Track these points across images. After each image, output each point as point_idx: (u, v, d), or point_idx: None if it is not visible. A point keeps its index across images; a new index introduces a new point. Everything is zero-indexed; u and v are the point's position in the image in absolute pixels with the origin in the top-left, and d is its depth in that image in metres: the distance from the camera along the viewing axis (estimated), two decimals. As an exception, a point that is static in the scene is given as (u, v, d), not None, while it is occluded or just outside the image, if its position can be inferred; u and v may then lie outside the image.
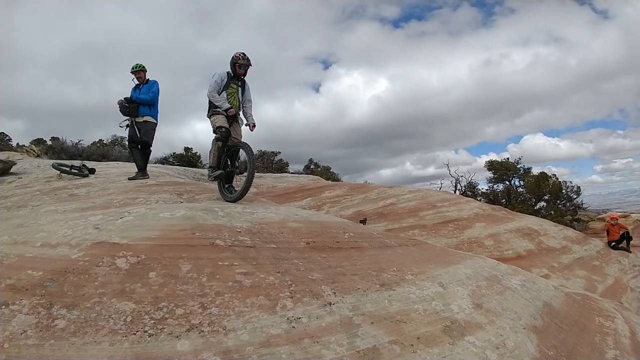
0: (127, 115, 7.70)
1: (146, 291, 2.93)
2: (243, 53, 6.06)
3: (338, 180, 27.36)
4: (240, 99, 6.24)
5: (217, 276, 3.22)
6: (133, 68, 7.82)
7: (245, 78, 6.28)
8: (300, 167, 32.31)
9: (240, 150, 6.03)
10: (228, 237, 3.81)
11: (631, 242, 14.65)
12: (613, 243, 14.33)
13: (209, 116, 6.07)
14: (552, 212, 24.07)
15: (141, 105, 7.69)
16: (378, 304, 3.39)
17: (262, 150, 29.64)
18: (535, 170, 28.30)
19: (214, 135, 5.96)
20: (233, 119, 6.10)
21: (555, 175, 27.03)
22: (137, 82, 7.87)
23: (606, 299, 7.79)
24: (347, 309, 3.20)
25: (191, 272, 3.20)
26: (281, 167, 29.15)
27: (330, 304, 3.20)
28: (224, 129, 5.86)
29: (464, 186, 28.67)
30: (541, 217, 18.80)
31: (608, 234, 14.82)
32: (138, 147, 7.83)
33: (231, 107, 5.91)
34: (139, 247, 3.41)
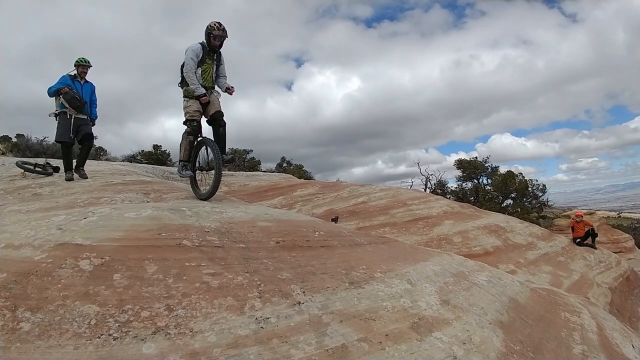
0: (74, 108, 7.28)
1: (110, 293, 2.85)
2: (219, 22, 5.62)
3: (310, 178, 27.38)
4: (214, 74, 5.94)
5: (184, 277, 3.16)
6: (82, 61, 7.48)
7: (220, 50, 5.94)
8: (273, 166, 32.19)
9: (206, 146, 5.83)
10: (195, 237, 3.75)
11: (597, 238, 15.15)
12: (578, 240, 14.78)
13: (185, 96, 5.81)
14: (519, 210, 24.75)
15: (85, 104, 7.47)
16: (347, 302, 3.41)
17: (234, 148, 29.43)
18: (503, 169, 29.18)
19: (185, 126, 5.81)
20: (209, 94, 5.80)
21: (521, 173, 27.86)
22: (75, 74, 7.52)
23: (572, 294, 8.03)
24: (317, 308, 3.19)
25: (157, 274, 3.13)
26: (253, 166, 28.91)
27: (299, 303, 3.19)
28: (195, 124, 5.69)
29: (434, 184, 29.20)
30: (508, 214, 19.30)
31: (573, 230, 15.27)
32: (71, 146, 7.50)
33: (204, 94, 5.61)
34: (102, 249, 3.32)
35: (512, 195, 27.10)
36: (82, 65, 7.52)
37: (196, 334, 2.65)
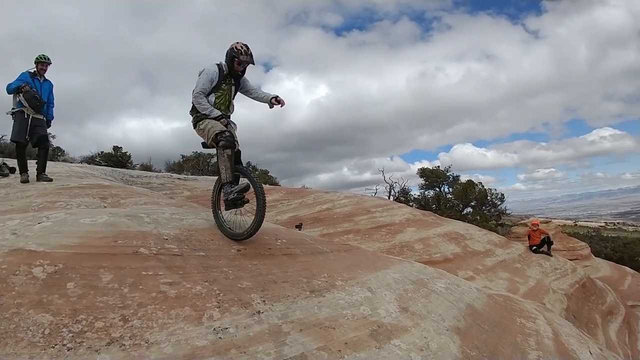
0: (32, 108, 7.05)
1: (64, 303, 2.76)
2: (246, 46, 4.72)
3: (276, 184, 27.24)
4: (232, 97, 5.02)
5: (140, 287, 3.07)
6: (42, 58, 7.28)
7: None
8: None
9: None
10: (153, 245, 3.65)
11: (552, 246, 15.72)
12: (534, 247, 15.31)
13: (196, 123, 4.76)
14: (478, 218, 25.47)
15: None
16: (308, 310, 3.41)
17: (198, 152, 28.97)
18: (464, 178, 30.00)
19: (214, 144, 4.61)
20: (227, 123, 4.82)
21: (481, 183, 28.79)
22: (35, 71, 7.28)
23: (528, 300, 8.26)
24: (277, 317, 3.18)
25: (112, 283, 3.04)
26: (217, 170, 28.52)
27: (259, 312, 3.17)
28: (227, 134, 4.54)
29: (398, 192, 29.62)
30: (468, 222, 19.79)
31: (529, 238, 15.81)
32: (26, 147, 7.27)
33: (222, 116, 4.65)
34: (56, 256, 3.20)
35: (472, 203, 27.92)
36: (42, 62, 7.29)
37: (152, 345, 2.59)
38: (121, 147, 26.15)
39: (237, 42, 4.75)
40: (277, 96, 5.00)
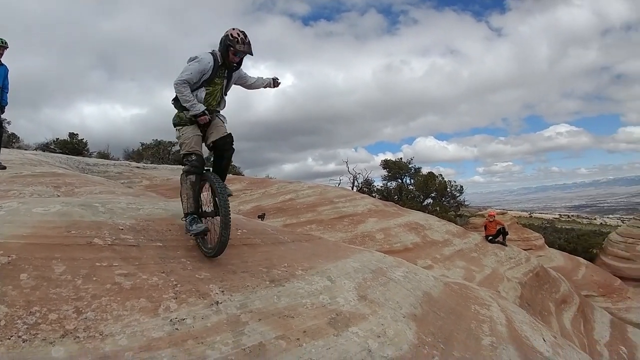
0: None
1: (18, 294, 2.69)
2: (243, 33, 4.06)
3: (239, 174, 26.96)
4: (225, 93, 4.40)
5: (94, 278, 3.01)
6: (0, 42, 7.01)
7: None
8: (201, 159, 31.25)
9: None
10: (108, 236, 3.56)
11: (507, 236, 16.34)
12: (490, 237, 15.88)
13: (176, 125, 4.19)
14: (438, 209, 26.16)
15: None
16: (267, 300, 3.42)
17: (158, 139, 28.27)
18: (425, 170, 30.63)
19: (183, 164, 4.17)
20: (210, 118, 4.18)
21: (442, 175, 29.53)
22: None
23: (483, 288, 8.54)
24: (235, 307, 3.17)
25: (65, 274, 2.96)
26: (179, 159, 27.91)
27: (217, 303, 3.15)
28: (194, 157, 4.03)
29: (361, 183, 29.94)
30: (428, 212, 20.28)
31: (486, 229, 16.40)
32: None
33: (203, 113, 4.02)
34: (9, 246, 3.10)
35: (433, 194, 28.61)
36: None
37: (106, 337, 2.55)
38: (77, 134, 25.21)
39: (233, 29, 4.08)
40: (278, 79, 4.78)
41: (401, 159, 31.21)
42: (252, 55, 4.18)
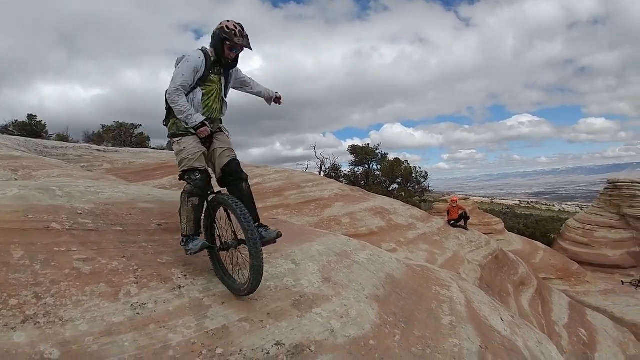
0: None
1: (-23, 279, 2.63)
2: (240, 25, 3.61)
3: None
4: (225, 94, 3.89)
5: (53, 263, 2.94)
6: None
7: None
8: (164, 143, 30.75)
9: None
10: (66, 220, 3.47)
11: (469, 221, 16.88)
12: (452, 221, 16.39)
13: (171, 137, 3.69)
14: (403, 194, 26.66)
15: None
16: (230, 283, 3.41)
17: (120, 121, 27.49)
18: (392, 156, 31.05)
19: (184, 183, 3.57)
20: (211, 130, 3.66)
21: (407, 161, 30.04)
22: None
23: (445, 270, 8.79)
24: (198, 291, 3.17)
25: (23, 260, 2.89)
26: (141, 142, 27.16)
27: (179, 287, 3.14)
28: (198, 176, 3.47)
29: (329, 168, 30.08)
30: (394, 197, 20.64)
31: (449, 213, 16.94)
32: None
33: (203, 124, 3.49)
34: (-33, 231, 3.01)
35: (398, 180, 29.08)
36: None
37: (66, 322, 2.52)
38: (36, 116, 24.41)
39: (228, 21, 3.63)
40: (278, 93, 4.30)
41: (368, 144, 31.55)
42: (250, 49, 3.70)
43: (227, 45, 3.60)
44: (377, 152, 30.82)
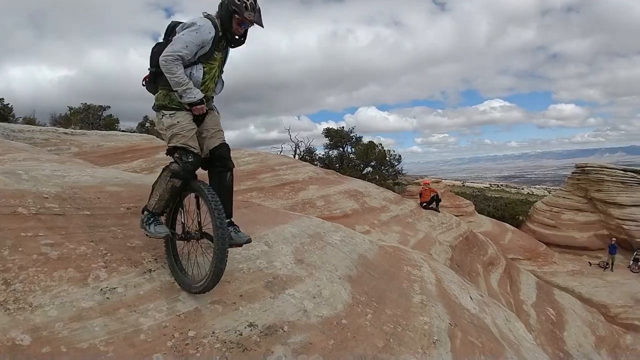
0: None
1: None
2: None
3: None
4: (221, 71, 3.53)
5: (20, 249, 2.87)
6: None
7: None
8: (134, 125, 30.10)
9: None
10: (32, 205, 3.37)
11: (440, 203, 17.24)
12: (424, 204, 16.70)
13: (161, 108, 3.26)
14: (377, 177, 26.97)
15: None
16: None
17: (88, 103, 26.75)
18: (366, 140, 31.26)
19: (170, 160, 3.23)
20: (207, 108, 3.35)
21: (381, 144, 30.27)
22: None
23: (416, 250, 8.97)
24: (169, 275, 3.15)
25: (-8, 245, 2.82)
26: (110, 124, 26.47)
27: (150, 271, 3.11)
28: (190, 158, 3.14)
29: (303, 151, 30.05)
30: (367, 180, 20.85)
31: (421, 196, 17.30)
32: None
33: (202, 102, 3.18)
34: None
35: (373, 163, 29.33)
36: None
37: (36, 308, 2.48)
38: (2, 99, 23.56)
39: None
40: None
41: (343, 128, 31.64)
42: (262, 26, 3.31)
43: (236, 19, 3.21)
44: (351, 135, 30.95)
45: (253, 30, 3.39)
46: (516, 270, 17.44)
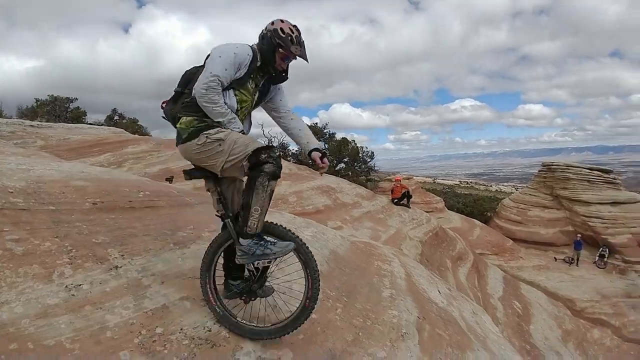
0: None
1: None
2: (297, 29, 2.91)
3: (146, 134, 25.59)
4: (252, 108, 3.12)
5: (-15, 244, 2.80)
6: None
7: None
8: (102, 118, 29.34)
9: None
10: (-3, 199, 3.30)
11: (411, 199, 17.50)
12: (396, 200, 16.95)
13: (198, 133, 2.79)
14: (350, 173, 27.10)
15: None
16: (170, 263, 3.39)
17: (55, 95, 25.93)
18: (340, 136, 31.33)
19: (250, 165, 2.76)
20: None
21: (354, 141, 30.42)
22: None
23: (387, 245, 9.09)
24: (136, 271, 3.11)
25: (-43, 241, 2.75)
26: (77, 117, 25.72)
27: (116, 267, 3.06)
28: (277, 151, 2.96)
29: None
30: (340, 176, 20.95)
31: (392, 192, 17.52)
32: None
33: (244, 133, 2.90)
34: None
35: (345, 159, 29.44)
36: None
37: (2, 305, 2.43)
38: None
39: (283, 21, 2.90)
40: (323, 152, 3.22)
41: (317, 124, 31.63)
42: (307, 61, 2.99)
43: (281, 52, 2.88)
44: (325, 131, 31.00)
45: (229, 27, 3.31)
46: (484, 264, 17.85)
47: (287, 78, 3.07)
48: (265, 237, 2.90)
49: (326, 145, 30.37)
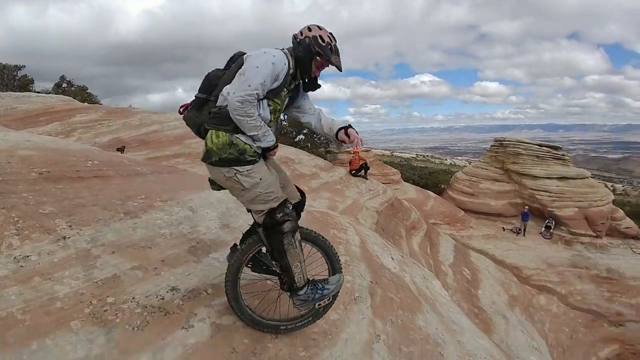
0: None
1: None
2: (335, 37, 2.77)
3: (96, 103, 24.50)
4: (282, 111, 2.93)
5: None
6: None
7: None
8: (50, 86, 27.81)
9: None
10: (-62, 170, 3.13)
11: (368, 171, 17.77)
12: (353, 171, 17.16)
13: (230, 165, 2.63)
14: (309, 145, 27.06)
15: None
16: (121, 233, 3.33)
17: (3, 63, 24.30)
18: (300, 108, 31.07)
19: (268, 217, 2.74)
20: None
21: (314, 113, 30.26)
22: None
23: (344, 215, 9.22)
24: (85, 242, 3.05)
25: None
26: (24, 85, 24.24)
27: (64, 238, 2.99)
28: (290, 208, 2.83)
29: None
30: (299, 148, 20.91)
31: (350, 164, 17.70)
32: None
33: (275, 146, 2.74)
34: None
35: (305, 131, 29.39)
36: None
37: (-50, 278, 2.35)
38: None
39: (320, 28, 2.74)
40: (349, 126, 2.99)
41: (277, 95, 31.32)
42: (341, 71, 2.85)
43: (318, 61, 2.72)
44: (285, 102, 30.82)
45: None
46: (436, 234, 18.46)
47: (320, 86, 2.93)
48: (314, 279, 3.00)
49: (285, 117, 30.16)
